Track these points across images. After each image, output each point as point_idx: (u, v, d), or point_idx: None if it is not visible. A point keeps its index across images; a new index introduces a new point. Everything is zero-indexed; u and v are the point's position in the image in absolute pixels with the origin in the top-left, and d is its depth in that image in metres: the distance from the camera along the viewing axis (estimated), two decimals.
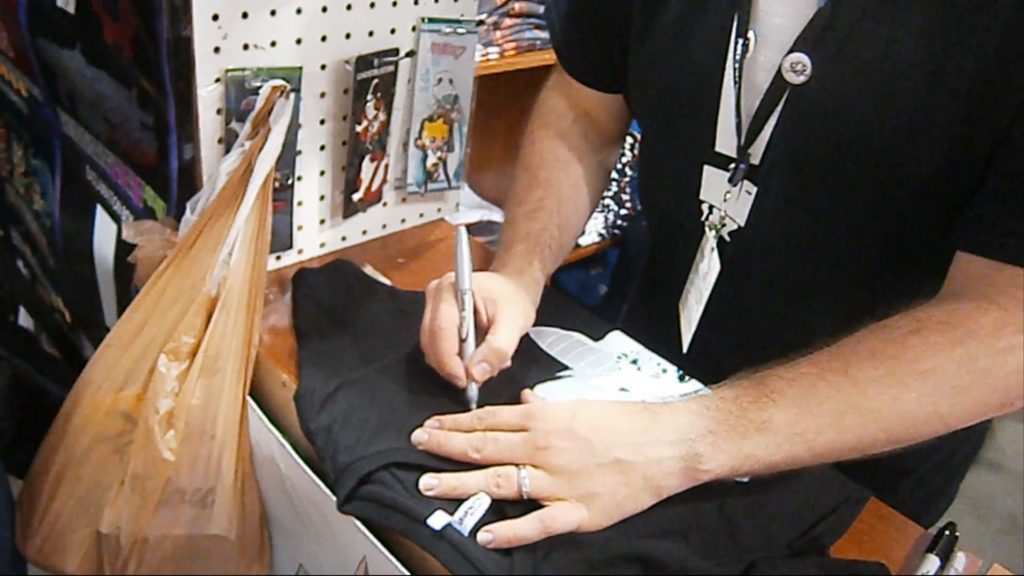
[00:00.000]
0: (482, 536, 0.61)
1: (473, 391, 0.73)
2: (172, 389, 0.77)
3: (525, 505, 0.63)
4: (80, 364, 0.83)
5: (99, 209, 1.04)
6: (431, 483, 0.64)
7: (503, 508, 0.63)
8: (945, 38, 0.62)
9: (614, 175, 2.29)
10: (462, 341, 0.74)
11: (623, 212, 2.27)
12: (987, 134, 0.63)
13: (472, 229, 1.94)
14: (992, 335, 0.63)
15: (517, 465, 0.64)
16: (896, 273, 0.75)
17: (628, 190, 2.28)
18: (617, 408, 0.67)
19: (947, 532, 0.69)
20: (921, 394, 0.63)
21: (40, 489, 0.84)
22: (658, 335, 0.88)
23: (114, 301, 1.06)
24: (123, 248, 0.93)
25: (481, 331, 0.75)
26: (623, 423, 0.65)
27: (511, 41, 1.72)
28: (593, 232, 2.23)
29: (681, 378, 0.83)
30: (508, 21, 1.70)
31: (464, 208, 2.00)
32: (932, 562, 0.66)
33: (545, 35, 1.75)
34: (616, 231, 2.26)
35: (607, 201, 2.26)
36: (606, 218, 2.25)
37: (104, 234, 1.04)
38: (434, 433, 0.68)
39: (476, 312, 0.75)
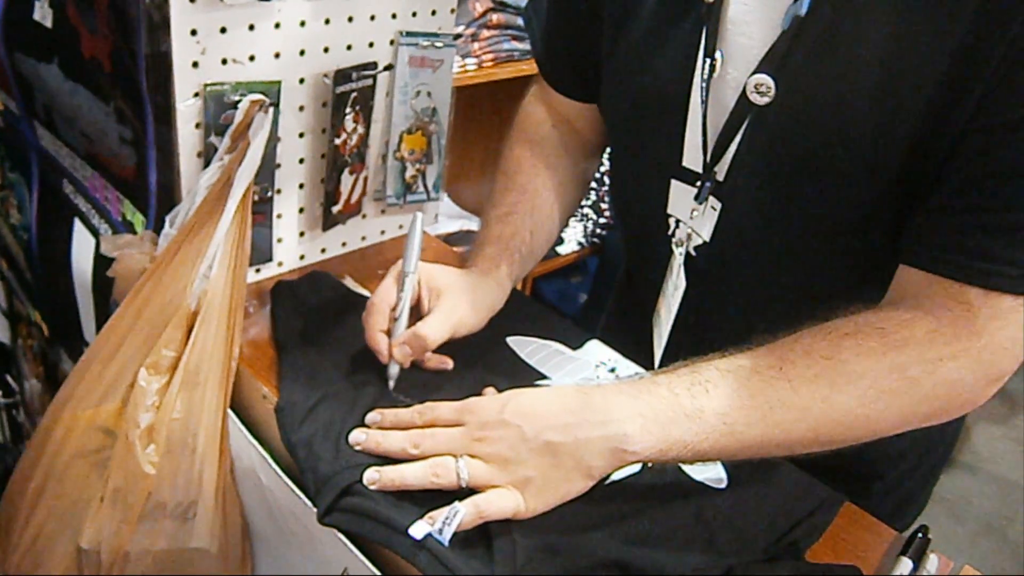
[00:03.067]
0: (420, 524, 0.62)
1: (393, 369, 0.77)
2: (152, 403, 0.77)
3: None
4: (59, 379, 0.83)
5: (77, 223, 1.04)
6: (373, 477, 0.65)
7: (485, 525, 0.64)
8: (901, 63, 0.64)
9: (592, 184, 2.30)
10: (395, 320, 0.77)
11: (602, 221, 2.28)
12: (938, 155, 0.65)
13: (451, 239, 1.96)
14: (924, 345, 0.64)
15: (455, 456, 0.65)
16: (857, 285, 0.77)
17: (607, 199, 2.29)
18: (548, 394, 0.68)
19: (920, 535, 0.70)
20: (851, 396, 0.64)
21: (19, 505, 0.84)
22: (634, 346, 0.89)
23: (93, 315, 1.05)
24: (102, 262, 0.93)
25: (417, 319, 0.78)
26: (553, 407, 0.66)
27: (489, 52, 1.73)
28: (572, 241, 2.24)
29: None
30: (486, 33, 1.71)
31: (443, 218, 2.00)
32: (905, 564, 0.67)
33: (523, 46, 1.76)
34: (595, 240, 2.27)
35: (586, 210, 2.27)
36: (585, 227, 2.26)
37: (82, 248, 1.04)
38: (372, 433, 0.69)
39: (419, 300, 0.78)
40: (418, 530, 0.62)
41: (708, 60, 0.73)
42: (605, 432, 0.64)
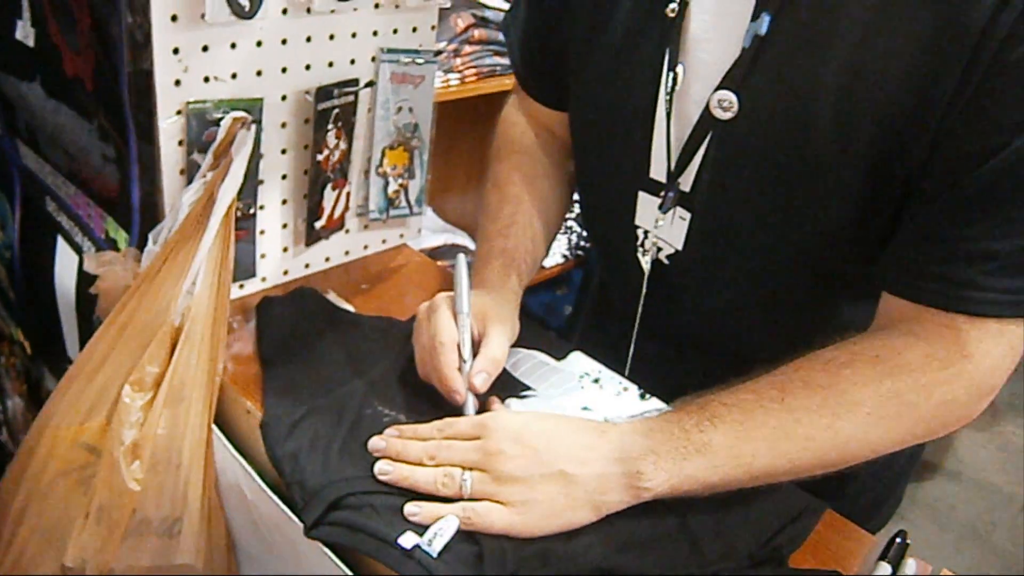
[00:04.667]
0: (409, 508, 0.65)
1: (471, 408, 0.76)
2: (137, 419, 0.77)
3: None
4: (42, 397, 0.83)
5: (60, 240, 1.04)
6: (386, 469, 0.68)
7: (475, 535, 0.65)
8: (857, 85, 0.66)
9: (576, 196, 2.31)
10: (463, 361, 0.76)
11: (586, 233, 2.29)
12: (898, 174, 0.67)
13: (437, 253, 1.96)
14: (918, 370, 0.67)
15: (464, 468, 0.67)
16: (829, 295, 0.79)
17: None
18: (567, 423, 0.70)
19: (898, 540, 0.71)
20: (851, 423, 0.67)
21: (2, 524, 0.83)
22: (611, 353, 0.91)
23: (76, 333, 1.05)
24: (85, 279, 0.93)
25: (474, 346, 0.78)
26: (571, 438, 0.68)
27: (471, 67, 1.74)
28: (557, 254, 2.25)
29: (642, 396, 0.85)
30: (468, 48, 1.72)
31: (428, 232, 2.01)
32: (883, 569, 0.68)
33: (505, 61, 1.77)
34: (579, 252, 2.28)
35: (569, 223, 2.28)
36: (569, 240, 2.27)
37: (65, 265, 1.04)
38: (391, 441, 0.70)
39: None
40: (407, 540, 0.62)
41: (670, 74, 0.74)
42: (620, 469, 0.66)
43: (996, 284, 0.64)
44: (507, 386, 0.83)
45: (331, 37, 0.88)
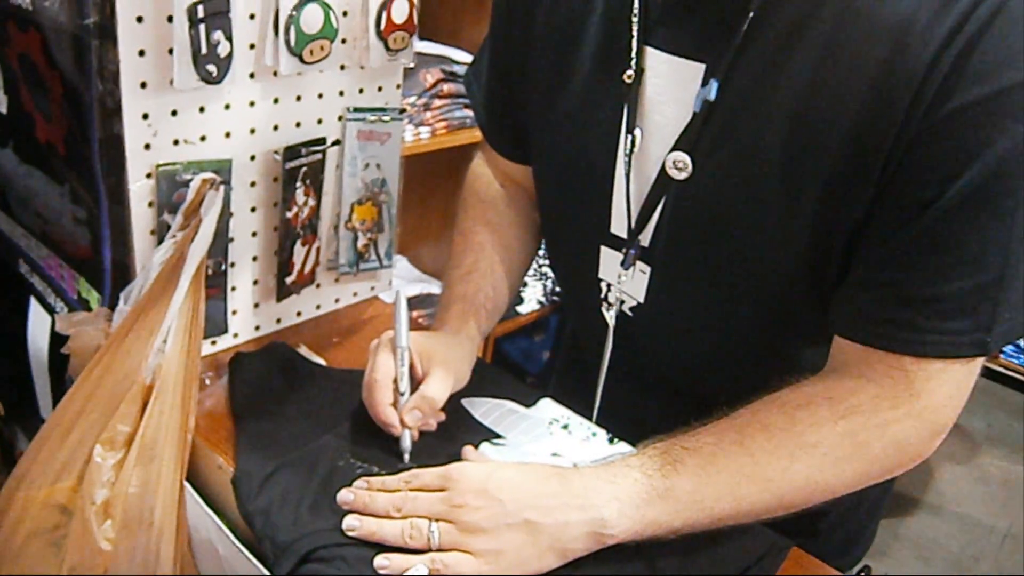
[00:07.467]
0: (379, 561, 0.65)
1: (406, 441, 0.78)
2: (108, 479, 0.77)
3: None
4: (15, 458, 0.83)
5: (33, 301, 1.05)
6: (354, 524, 0.68)
7: None
8: (801, 141, 0.68)
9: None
10: (400, 394, 0.78)
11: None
12: (844, 227, 0.69)
13: (412, 302, 1.97)
14: (871, 410, 0.69)
15: (431, 519, 0.67)
16: (784, 341, 0.81)
17: None
18: (531, 472, 0.71)
19: (862, 574, 0.73)
20: (808, 465, 0.69)
21: None
22: (583, 401, 0.92)
23: (49, 393, 1.05)
24: (57, 340, 0.94)
25: (416, 385, 0.80)
26: (535, 487, 0.69)
27: (441, 120, 1.77)
28: (533, 300, 2.26)
29: (611, 441, 0.86)
30: (438, 102, 1.76)
31: (403, 282, 2.02)
32: None
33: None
34: (555, 298, 2.30)
35: (545, 269, 2.31)
36: (544, 286, 2.29)
37: (38, 326, 1.04)
38: (360, 493, 0.71)
39: (412, 367, 0.80)
40: None
41: (629, 136, 0.77)
42: (583, 516, 0.67)
43: (939, 326, 0.66)
44: (476, 434, 0.84)
45: (298, 98, 0.91)
